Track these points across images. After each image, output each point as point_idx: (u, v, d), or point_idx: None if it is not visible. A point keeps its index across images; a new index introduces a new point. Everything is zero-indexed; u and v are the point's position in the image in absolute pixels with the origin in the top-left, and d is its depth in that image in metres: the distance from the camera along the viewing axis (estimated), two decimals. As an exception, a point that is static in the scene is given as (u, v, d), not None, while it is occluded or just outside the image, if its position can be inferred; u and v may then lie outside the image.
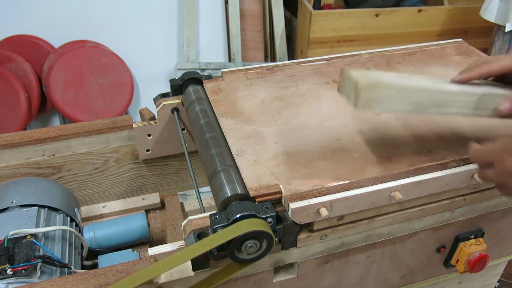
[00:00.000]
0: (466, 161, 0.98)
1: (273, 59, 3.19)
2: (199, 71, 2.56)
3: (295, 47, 3.21)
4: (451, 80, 0.93)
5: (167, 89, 1.31)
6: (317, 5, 2.92)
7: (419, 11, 2.91)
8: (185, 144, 1.25)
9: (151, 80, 2.99)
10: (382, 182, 0.93)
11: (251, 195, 0.90)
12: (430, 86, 0.89)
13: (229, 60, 3.02)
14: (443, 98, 0.89)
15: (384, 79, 0.85)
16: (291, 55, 3.30)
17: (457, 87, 0.90)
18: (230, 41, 2.99)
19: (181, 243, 0.91)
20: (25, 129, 2.69)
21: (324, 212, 0.88)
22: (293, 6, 3.19)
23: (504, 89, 0.91)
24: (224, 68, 1.62)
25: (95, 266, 1.17)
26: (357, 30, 2.89)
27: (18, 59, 2.67)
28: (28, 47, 2.74)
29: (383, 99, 0.85)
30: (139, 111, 1.33)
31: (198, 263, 0.89)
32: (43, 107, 2.81)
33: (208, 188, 1.05)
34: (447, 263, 1.23)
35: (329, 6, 3.26)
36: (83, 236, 1.22)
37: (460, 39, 1.50)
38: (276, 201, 0.92)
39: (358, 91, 0.82)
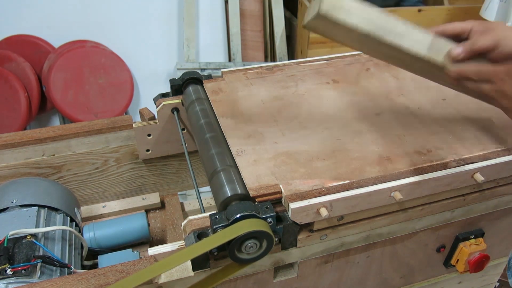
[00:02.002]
0: (466, 161, 0.98)
1: (273, 59, 3.19)
2: (199, 71, 2.56)
3: (295, 47, 3.21)
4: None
5: (167, 89, 1.31)
6: (317, 5, 2.91)
7: (419, 11, 2.91)
8: (185, 144, 1.25)
9: (151, 80, 2.99)
10: (382, 182, 0.93)
11: (251, 195, 0.90)
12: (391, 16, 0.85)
13: (229, 60, 3.02)
14: (401, 28, 0.85)
15: None
16: (291, 55, 3.29)
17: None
18: (230, 41, 2.99)
19: (181, 243, 0.91)
20: (25, 129, 2.69)
21: (324, 212, 0.88)
22: (293, 6, 3.19)
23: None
24: (224, 68, 1.63)
25: (95, 266, 1.17)
26: (357, 30, 2.88)
27: (18, 59, 2.67)
28: (28, 47, 2.74)
29: (346, 8, 0.81)
30: (139, 111, 1.32)
31: (198, 263, 0.89)
32: (43, 107, 2.81)
33: (208, 188, 1.05)
34: (447, 263, 1.23)
35: (329, 6, 3.26)
36: (83, 236, 1.22)
37: (460, 39, 1.50)
38: (276, 201, 0.92)
39: None
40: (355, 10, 0.82)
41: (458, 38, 0.89)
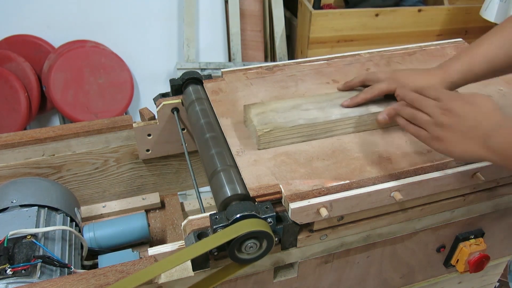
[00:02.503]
0: (466, 161, 0.98)
1: (273, 59, 3.19)
2: (199, 71, 2.56)
3: (295, 47, 3.21)
4: (341, 105, 1.10)
5: (167, 89, 1.31)
6: (317, 5, 2.91)
7: (419, 11, 2.91)
8: (185, 144, 1.24)
9: (151, 80, 2.99)
10: (382, 182, 0.93)
11: (251, 195, 0.90)
12: (317, 118, 1.04)
13: (229, 60, 3.02)
14: (329, 126, 1.05)
15: (278, 120, 1.03)
16: (291, 55, 3.29)
17: (340, 111, 1.07)
18: (230, 41, 2.99)
19: (181, 243, 0.91)
20: (25, 129, 2.69)
21: (324, 212, 0.88)
22: (293, 6, 3.19)
23: (380, 106, 1.09)
24: (224, 68, 1.62)
25: (95, 266, 1.16)
26: (357, 30, 2.89)
27: (18, 59, 2.67)
28: (28, 47, 2.74)
29: (279, 138, 1.02)
30: (139, 111, 1.32)
31: (198, 263, 0.89)
32: (43, 107, 2.81)
33: (208, 188, 1.05)
34: (447, 263, 1.23)
35: (329, 6, 3.26)
36: (83, 236, 1.22)
37: (460, 39, 1.50)
38: (276, 201, 0.92)
39: (258, 137, 1.00)
40: (284, 137, 1.03)
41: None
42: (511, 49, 0.95)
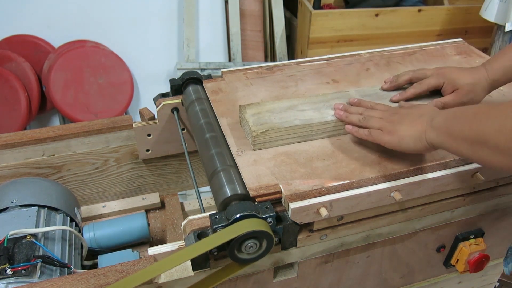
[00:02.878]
0: (466, 161, 0.98)
1: (273, 59, 3.19)
2: (199, 71, 2.56)
3: (295, 47, 3.21)
4: (391, 100, 1.14)
5: (167, 89, 1.31)
6: (317, 5, 2.92)
7: (419, 11, 2.91)
8: (185, 144, 1.24)
9: (151, 80, 2.99)
10: (382, 182, 0.93)
11: (251, 195, 0.90)
12: (313, 119, 1.05)
13: (229, 60, 3.02)
14: (324, 126, 1.05)
15: (273, 120, 1.03)
16: (291, 55, 3.30)
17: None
18: (230, 41, 2.99)
19: (181, 243, 0.91)
20: (25, 129, 2.69)
21: (324, 212, 0.88)
22: (293, 6, 3.20)
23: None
24: (224, 68, 1.62)
25: (95, 266, 1.17)
26: (357, 30, 2.89)
27: (18, 59, 2.67)
28: (28, 47, 2.74)
29: (274, 139, 1.02)
30: (139, 111, 1.32)
31: (198, 263, 0.89)
32: (43, 107, 2.81)
33: (208, 188, 1.05)
34: (447, 263, 1.23)
35: (329, 6, 3.26)
36: (83, 236, 1.22)
37: (460, 39, 1.50)
38: (276, 201, 0.92)
39: (253, 137, 1.00)
40: (279, 138, 1.03)
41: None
42: None
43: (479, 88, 1.05)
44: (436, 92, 1.12)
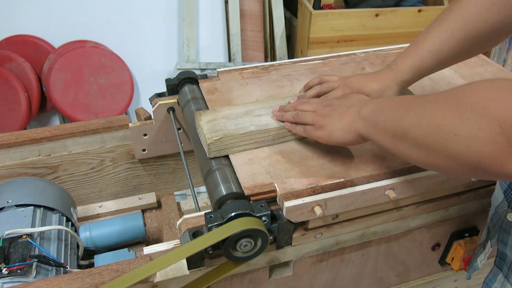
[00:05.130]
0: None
1: (273, 59, 3.19)
2: (199, 71, 2.55)
3: (295, 47, 3.21)
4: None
5: (167, 89, 1.31)
6: (317, 5, 2.92)
7: (419, 11, 2.91)
8: (181, 143, 1.25)
9: (151, 80, 2.99)
10: (376, 180, 0.93)
11: (246, 194, 0.90)
12: (269, 124, 1.03)
13: (229, 60, 3.02)
14: (282, 131, 1.04)
15: (229, 127, 1.01)
16: (291, 55, 3.29)
17: None
18: (230, 41, 2.99)
19: (176, 242, 0.92)
20: (25, 129, 2.69)
21: (318, 210, 0.88)
22: (293, 6, 3.19)
23: None
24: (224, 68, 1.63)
25: (91, 265, 1.17)
26: (357, 30, 2.89)
27: (18, 59, 2.67)
28: (28, 47, 2.74)
29: (230, 146, 1.00)
30: (135, 111, 1.33)
31: (194, 262, 0.90)
32: (43, 107, 2.81)
33: (205, 188, 1.05)
34: (442, 261, 1.23)
35: (329, 6, 3.26)
36: (79, 235, 1.22)
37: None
38: (271, 199, 0.92)
39: (208, 145, 0.98)
40: (235, 144, 1.01)
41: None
42: (453, 41, 0.97)
43: (389, 92, 1.04)
44: None
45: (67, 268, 1.03)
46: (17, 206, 1.10)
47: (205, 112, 1.06)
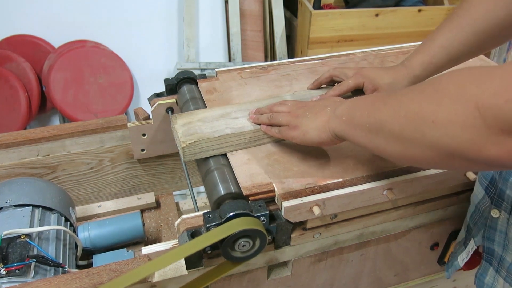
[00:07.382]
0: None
1: (273, 59, 3.19)
2: (199, 71, 2.55)
3: (295, 47, 3.21)
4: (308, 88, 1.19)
5: (167, 89, 1.31)
6: (317, 5, 2.92)
7: (419, 11, 2.91)
8: (180, 143, 1.25)
9: (151, 80, 2.99)
10: (374, 180, 0.93)
11: (244, 194, 0.90)
12: (244, 127, 1.03)
13: (229, 60, 3.02)
14: (258, 134, 1.03)
15: (204, 130, 1.00)
16: (291, 55, 3.29)
17: None
18: (230, 41, 2.99)
19: (174, 242, 0.92)
20: (25, 129, 2.69)
21: (317, 210, 0.88)
22: (293, 6, 3.19)
23: None
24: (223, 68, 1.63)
25: (89, 265, 1.17)
26: (357, 30, 2.89)
27: (18, 59, 2.67)
28: (28, 47, 2.75)
29: (205, 149, 1.00)
30: (134, 111, 1.33)
31: (192, 262, 0.90)
32: (43, 107, 2.81)
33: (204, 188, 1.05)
34: (441, 261, 1.23)
35: (329, 6, 3.26)
36: (77, 235, 1.22)
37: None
38: (269, 199, 0.92)
39: (182, 148, 0.97)
40: (210, 148, 1.00)
41: None
42: (462, 37, 0.98)
43: (399, 86, 1.05)
44: (359, 92, 1.10)
45: (65, 268, 1.02)
46: (16, 206, 1.10)
47: (181, 115, 1.06)
